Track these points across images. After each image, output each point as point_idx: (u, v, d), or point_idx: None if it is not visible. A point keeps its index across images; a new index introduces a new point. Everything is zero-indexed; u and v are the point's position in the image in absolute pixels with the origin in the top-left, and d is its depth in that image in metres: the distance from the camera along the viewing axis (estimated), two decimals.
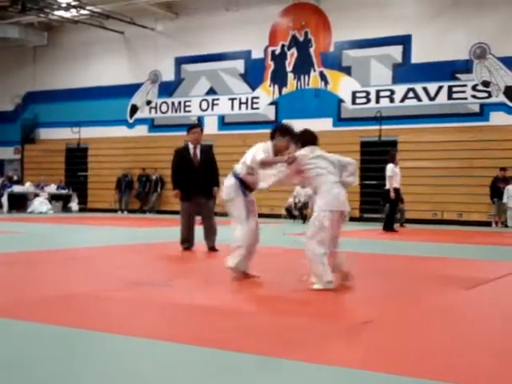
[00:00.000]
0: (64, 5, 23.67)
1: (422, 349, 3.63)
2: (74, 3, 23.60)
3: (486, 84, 19.35)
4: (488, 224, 18.74)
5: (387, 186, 14.79)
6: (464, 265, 8.37)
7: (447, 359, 3.40)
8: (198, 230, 9.42)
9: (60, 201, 24.47)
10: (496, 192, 18.52)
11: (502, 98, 19.13)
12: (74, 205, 24.61)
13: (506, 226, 18.53)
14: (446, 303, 5.25)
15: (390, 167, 14.72)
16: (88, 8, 23.79)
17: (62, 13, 24.59)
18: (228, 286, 6.09)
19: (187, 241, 9.35)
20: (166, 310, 4.66)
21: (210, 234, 9.29)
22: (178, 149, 9.78)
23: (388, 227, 14.92)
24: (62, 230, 14.42)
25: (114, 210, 24.66)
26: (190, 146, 9.49)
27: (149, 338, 3.74)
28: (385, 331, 4.13)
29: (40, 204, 22.85)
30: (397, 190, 14.74)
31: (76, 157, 26.58)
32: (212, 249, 9.22)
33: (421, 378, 3.00)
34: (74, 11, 24.31)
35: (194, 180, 9.30)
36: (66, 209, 24.36)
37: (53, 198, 24.05)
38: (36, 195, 23.48)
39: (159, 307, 4.78)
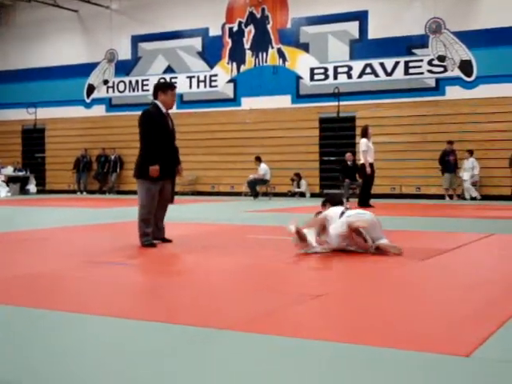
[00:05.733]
0: None
1: (374, 317, 3.71)
2: None
3: (441, 59, 19.57)
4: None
5: (362, 161, 14.68)
6: (421, 237, 8.52)
7: (399, 327, 3.48)
8: None
9: (17, 183, 24.12)
10: (446, 165, 18.77)
11: (457, 73, 19.38)
12: (32, 187, 24.36)
13: (464, 199, 18.83)
14: (401, 274, 5.37)
15: (363, 142, 14.46)
16: None
17: None
18: (184, 263, 6.12)
19: (153, 232, 7.19)
20: (123, 288, 4.68)
21: (162, 221, 7.41)
22: (149, 110, 7.28)
23: (363, 202, 14.75)
24: (21, 212, 14.23)
25: (73, 191, 24.44)
26: (163, 110, 7.27)
27: (105, 315, 3.76)
28: (337, 303, 4.20)
29: None
30: (371, 165, 14.57)
31: (33, 138, 26.16)
32: (165, 239, 7.37)
33: (373, 346, 3.07)
34: None
35: (168, 153, 7.26)
36: (23, 191, 24.04)
37: (10, 180, 23.69)
38: None
39: (117, 285, 4.79)
